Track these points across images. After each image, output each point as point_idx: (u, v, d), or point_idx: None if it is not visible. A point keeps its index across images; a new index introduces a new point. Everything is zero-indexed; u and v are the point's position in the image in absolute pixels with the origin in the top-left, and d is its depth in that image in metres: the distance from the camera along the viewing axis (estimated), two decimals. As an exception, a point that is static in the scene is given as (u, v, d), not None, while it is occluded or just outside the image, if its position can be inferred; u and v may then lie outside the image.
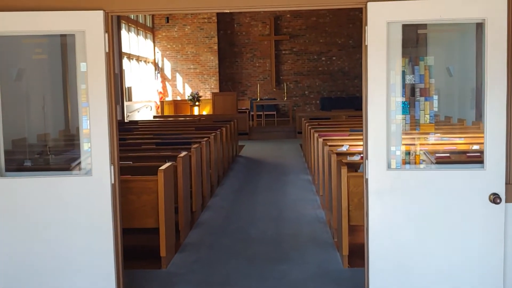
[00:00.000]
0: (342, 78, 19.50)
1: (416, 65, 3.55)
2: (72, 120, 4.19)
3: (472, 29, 3.81)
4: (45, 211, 3.52)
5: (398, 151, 3.50)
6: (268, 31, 19.51)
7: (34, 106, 4.34)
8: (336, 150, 6.22)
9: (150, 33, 18.79)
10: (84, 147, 3.62)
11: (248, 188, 8.47)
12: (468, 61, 4.27)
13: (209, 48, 19.12)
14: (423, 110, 3.57)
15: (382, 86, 3.36)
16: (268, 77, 19.70)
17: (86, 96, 3.51)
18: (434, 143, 4.22)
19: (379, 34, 3.31)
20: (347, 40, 19.31)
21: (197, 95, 17.70)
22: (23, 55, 4.07)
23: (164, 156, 6.29)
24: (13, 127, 3.93)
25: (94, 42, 3.43)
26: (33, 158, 4.24)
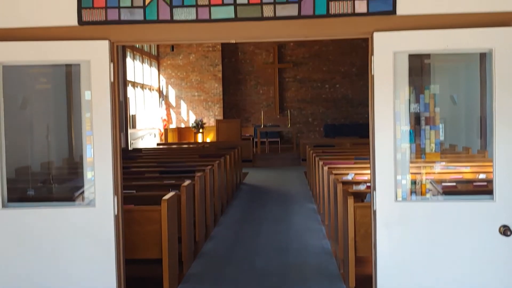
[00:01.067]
0: (345, 105, 19.54)
1: (421, 93, 3.53)
2: (76, 148, 4.17)
3: (476, 58, 3.81)
4: (48, 242, 3.46)
5: (404, 180, 3.45)
6: (271, 59, 19.66)
7: (38, 134, 4.33)
8: (342, 178, 6.16)
9: (155, 61, 18.96)
10: (87, 176, 3.59)
11: (252, 217, 8.38)
12: (472, 90, 4.26)
13: (213, 76, 19.26)
14: (429, 139, 3.54)
15: (389, 115, 3.33)
16: (271, 104, 19.76)
17: (91, 125, 3.49)
18: (440, 172, 4.17)
19: (385, 64, 3.30)
20: (350, 68, 19.42)
21: (201, 122, 17.74)
22: (28, 83, 4.07)
23: (168, 185, 6.24)
24: (16, 155, 3.92)
25: (99, 72, 3.42)
26: (36, 187, 4.21)
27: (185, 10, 3.41)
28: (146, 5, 3.42)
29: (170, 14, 3.42)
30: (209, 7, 3.41)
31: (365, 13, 3.34)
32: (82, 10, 3.45)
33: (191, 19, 3.43)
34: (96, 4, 3.44)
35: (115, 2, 3.43)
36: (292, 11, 3.39)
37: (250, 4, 3.40)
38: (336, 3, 3.35)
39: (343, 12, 3.35)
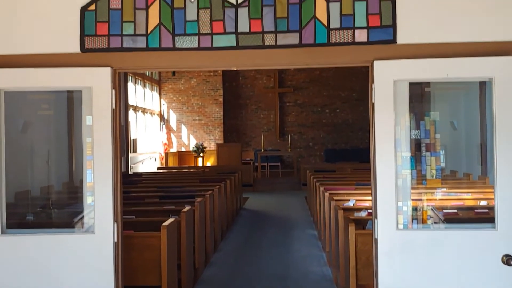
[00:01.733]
0: (346, 130, 19.57)
1: (421, 120, 3.54)
2: (76, 172, 4.16)
3: (476, 86, 3.82)
4: (47, 269, 3.42)
5: (405, 206, 3.43)
6: (272, 83, 19.79)
7: (38, 158, 4.33)
8: (343, 205, 6.13)
9: (157, 86, 19.08)
10: (87, 201, 3.58)
11: (252, 243, 8.31)
12: (472, 117, 4.27)
13: (214, 100, 19.36)
14: (429, 165, 3.53)
15: (390, 144, 3.33)
16: (272, 129, 19.81)
17: (91, 150, 3.49)
18: (441, 199, 4.15)
19: (386, 92, 3.31)
20: (350, 93, 19.52)
21: (202, 146, 17.75)
22: (29, 108, 4.09)
23: (168, 211, 6.20)
24: (16, 179, 3.90)
25: (101, 99, 3.43)
26: (36, 212, 4.19)
27: (187, 38, 3.45)
28: (148, 33, 3.46)
29: (173, 42, 3.46)
30: (211, 36, 3.44)
31: (365, 42, 3.37)
32: (85, 37, 3.49)
33: (193, 47, 3.46)
34: (98, 32, 3.47)
35: (118, 30, 3.46)
36: (293, 40, 3.42)
37: (251, 32, 3.43)
38: (336, 32, 3.39)
39: (343, 41, 3.39)
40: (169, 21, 3.45)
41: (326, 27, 3.39)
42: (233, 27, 3.44)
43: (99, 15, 3.47)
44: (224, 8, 3.44)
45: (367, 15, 3.36)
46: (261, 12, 3.42)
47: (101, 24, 3.46)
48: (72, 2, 3.51)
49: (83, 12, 3.49)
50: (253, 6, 3.42)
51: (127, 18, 3.46)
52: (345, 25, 3.38)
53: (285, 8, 3.41)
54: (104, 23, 3.46)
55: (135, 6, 3.46)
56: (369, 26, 3.35)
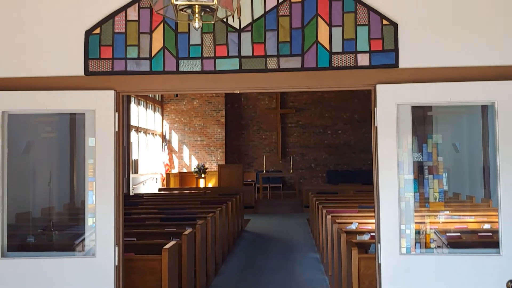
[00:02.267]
0: (348, 151, 19.55)
1: (423, 142, 3.53)
2: (78, 193, 4.14)
3: (478, 109, 3.83)
4: (46, 293, 3.39)
5: (408, 230, 3.40)
6: (274, 104, 19.85)
7: (40, 180, 4.32)
8: (345, 228, 6.08)
9: (159, 107, 19.16)
10: (88, 223, 3.56)
11: (253, 266, 8.23)
12: (475, 139, 4.26)
13: (216, 121, 19.39)
14: (432, 188, 3.52)
15: (393, 166, 3.33)
16: (274, 150, 19.80)
17: (93, 172, 3.48)
18: (444, 222, 4.12)
19: (388, 116, 3.32)
20: (352, 114, 19.55)
21: (203, 167, 17.72)
22: (32, 130, 4.09)
23: (169, 233, 6.16)
24: (18, 201, 3.89)
25: (104, 121, 3.45)
26: (37, 234, 4.16)
27: (191, 62, 3.47)
28: (152, 57, 3.49)
29: (176, 66, 3.48)
30: (214, 59, 3.47)
31: (367, 66, 3.40)
32: (89, 60, 3.52)
33: (196, 70, 3.48)
34: (102, 55, 3.50)
35: (122, 53, 3.49)
36: (295, 64, 3.44)
37: (254, 56, 3.46)
38: (339, 56, 3.41)
39: (345, 64, 3.41)
40: (173, 45, 3.48)
41: (328, 51, 3.42)
42: (236, 51, 3.47)
43: (103, 39, 3.50)
44: (227, 33, 3.47)
45: (369, 39, 3.39)
46: (264, 36, 3.45)
47: (105, 48, 3.50)
48: (77, 25, 3.55)
49: (88, 35, 3.52)
50: (256, 30, 3.45)
51: (131, 42, 3.49)
52: (347, 49, 3.41)
53: (287, 33, 3.44)
54: (108, 47, 3.50)
55: (139, 30, 3.49)
56: (371, 50, 3.38)
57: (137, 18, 3.51)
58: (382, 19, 3.41)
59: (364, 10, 3.42)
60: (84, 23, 3.54)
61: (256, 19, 3.46)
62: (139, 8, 3.52)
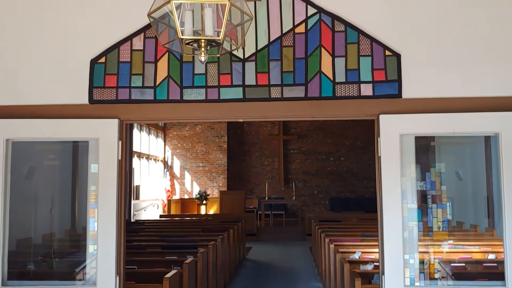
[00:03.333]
0: (351, 178, 19.47)
1: (427, 171, 3.52)
2: (79, 220, 4.12)
3: (481, 139, 3.82)
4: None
5: (412, 259, 3.36)
6: (277, 131, 19.88)
7: (42, 206, 4.30)
8: (348, 257, 6.01)
9: (162, 132, 19.21)
10: (90, 250, 3.53)
11: (255, 295, 8.12)
12: (478, 168, 4.25)
13: (218, 147, 19.40)
14: (436, 217, 3.49)
15: (397, 196, 3.31)
16: (276, 176, 19.74)
17: (96, 199, 3.47)
18: (448, 251, 4.07)
19: (392, 146, 3.32)
20: (355, 141, 19.55)
21: (205, 194, 17.65)
22: (35, 156, 4.10)
23: (170, 261, 6.10)
24: (19, 227, 3.87)
25: (107, 149, 3.45)
26: (37, 261, 4.12)
27: (195, 91, 3.49)
28: (157, 86, 3.51)
29: (180, 94, 3.50)
30: (218, 88, 3.49)
31: (370, 96, 3.41)
32: (94, 89, 3.54)
33: (200, 99, 3.50)
34: (107, 84, 3.53)
35: (126, 82, 3.52)
36: (299, 93, 3.46)
37: (258, 85, 3.48)
38: (342, 86, 3.43)
39: (349, 94, 3.42)
40: (177, 74, 3.51)
41: (331, 81, 3.44)
42: (240, 80, 3.49)
43: (108, 68, 3.54)
44: (231, 62, 3.50)
45: (372, 70, 3.41)
46: (267, 66, 3.48)
47: (110, 77, 3.52)
48: (82, 54, 3.58)
49: (93, 64, 3.55)
50: (260, 60, 3.49)
51: (136, 71, 3.52)
52: (350, 79, 3.43)
53: (291, 63, 3.47)
54: (113, 76, 3.52)
55: (144, 60, 3.53)
56: (375, 80, 3.40)
57: (142, 48, 3.55)
58: (385, 50, 3.44)
59: (367, 41, 3.45)
60: (89, 52, 3.58)
61: (260, 49, 3.50)
62: (144, 38, 3.56)
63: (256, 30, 3.50)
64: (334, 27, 3.48)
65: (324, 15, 3.49)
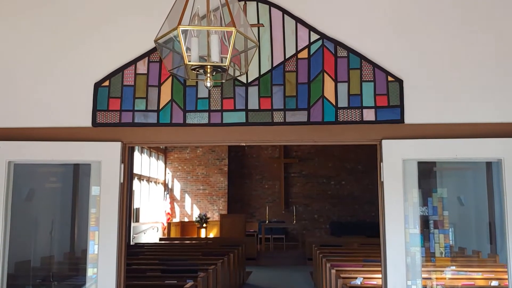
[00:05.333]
0: (352, 203, 19.37)
1: (429, 196, 3.51)
2: (79, 242, 4.09)
3: (482, 165, 3.81)
4: None
5: (414, 285, 3.32)
6: (277, 154, 19.87)
7: (41, 228, 4.27)
8: (350, 283, 5.95)
9: (162, 155, 19.21)
10: (89, 273, 3.49)
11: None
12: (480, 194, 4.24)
13: (219, 170, 19.37)
14: (438, 242, 3.46)
15: (400, 221, 3.29)
16: (277, 199, 19.65)
17: (96, 221, 3.45)
18: (451, 278, 4.03)
19: (395, 171, 3.31)
20: (356, 165, 19.51)
21: (205, 217, 17.55)
22: (36, 178, 4.09)
23: (169, 286, 6.03)
24: (17, 249, 3.83)
25: (109, 172, 3.44)
26: (35, 285, 4.07)
27: (198, 115, 3.50)
28: (160, 109, 3.53)
29: (183, 118, 3.51)
30: (221, 112, 3.50)
31: (373, 121, 3.42)
32: (97, 112, 3.55)
33: (203, 123, 3.51)
34: (111, 107, 3.54)
35: (130, 105, 3.54)
36: (301, 118, 3.47)
37: (261, 110, 3.49)
38: (344, 111, 3.44)
39: (351, 119, 3.43)
40: (180, 98, 3.52)
41: (334, 106, 3.45)
42: (243, 104, 3.50)
43: (112, 91, 3.56)
44: (234, 87, 3.52)
45: (374, 95, 3.43)
46: (270, 90, 3.50)
47: (114, 100, 3.54)
48: (86, 77, 3.61)
49: (97, 87, 3.57)
50: (263, 85, 3.51)
51: (139, 95, 3.54)
52: (353, 104, 3.44)
53: (294, 88, 3.49)
54: (116, 99, 3.54)
55: (148, 83, 3.55)
56: (377, 106, 3.41)
57: (146, 72, 3.57)
58: (387, 75, 3.46)
59: (369, 66, 3.48)
60: (93, 76, 3.60)
61: (263, 74, 3.52)
62: (148, 62, 3.59)
63: (259, 55, 3.53)
64: (337, 53, 3.51)
65: (326, 41, 3.53)
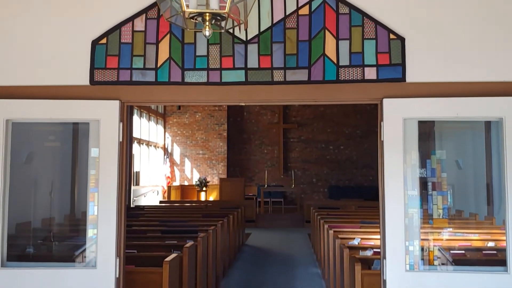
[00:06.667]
0: (350, 167, 19.48)
1: (427, 158, 3.50)
2: (78, 204, 4.11)
3: (481, 125, 3.79)
4: (45, 304, 3.34)
5: (411, 246, 3.35)
6: (276, 119, 19.84)
7: (41, 190, 4.28)
8: (347, 243, 6.02)
9: (162, 119, 19.17)
10: (89, 234, 3.52)
11: (254, 281, 8.15)
12: (479, 156, 4.23)
13: (218, 135, 19.37)
14: (436, 204, 3.48)
15: (399, 181, 3.29)
16: (276, 164, 19.74)
17: (96, 182, 3.45)
18: (448, 239, 4.06)
19: (395, 130, 3.29)
20: (354, 130, 19.53)
21: (205, 181, 17.67)
22: (35, 139, 4.07)
23: (170, 246, 6.10)
24: (18, 211, 3.85)
25: (108, 131, 3.42)
26: (36, 244, 4.11)
27: (197, 73, 3.46)
28: (158, 67, 3.48)
29: (182, 77, 3.47)
30: (220, 71, 3.46)
31: (374, 80, 3.38)
32: (95, 70, 3.51)
33: (202, 81, 3.47)
34: (108, 65, 3.49)
35: (128, 63, 3.48)
36: (302, 76, 3.43)
37: (260, 68, 3.45)
38: (345, 70, 3.40)
39: (352, 78, 3.39)
40: (179, 56, 3.47)
41: (335, 65, 3.41)
42: (243, 63, 3.45)
43: (109, 49, 3.50)
44: (234, 44, 3.46)
45: (376, 53, 3.38)
46: (270, 48, 3.44)
47: (111, 58, 3.49)
48: (83, 35, 3.55)
49: (94, 45, 3.52)
50: (262, 42, 3.45)
51: (137, 52, 3.49)
52: (354, 62, 3.39)
53: (294, 45, 3.43)
54: (114, 57, 3.49)
55: (145, 41, 3.49)
56: (379, 64, 3.37)
57: (144, 29, 3.51)
58: (389, 33, 3.40)
59: (371, 24, 3.41)
60: (90, 33, 3.54)
61: (263, 31, 3.46)
62: (146, 19, 3.51)
63: (259, 11, 3.45)
64: (339, 9, 3.43)
65: (328, -3, 3.45)
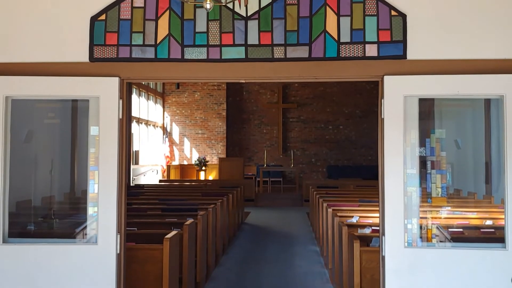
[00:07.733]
0: (349, 147, 19.52)
1: (427, 137, 3.50)
2: (78, 182, 4.12)
3: (481, 103, 3.79)
4: (47, 279, 3.38)
5: (410, 224, 3.38)
6: (276, 99, 19.80)
7: (41, 168, 4.29)
8: (346, 221, 6.06)
9: (160, 98, 19.11)
10: (89, 212, 3.54)
11: (253, 258, 8.23)
12: (478, 135, 4.24)
13: (217, 114, 19.35)
14: (435, 183, 3.49)
15: (399, 159, 3.30)
16: (275, 144, 19.77)
17: (96, 160, 3.46)
18: (447, 217, 4.09)
19: (395, 108, 3.29)
20: (354, 109, 19.51)
21: (204, 160, 17.70)
22: (35, 117, 4.06)
23: (170, 223, 6.14)
24: (18, 189, 3.87)
25: (108, 108, 3.42)
26: (37, 222, 4.14)
27: (196, 50, 3.44)
28: (157, 44, 3.45)
29: (181, 53, 3.44)
30: (220, 47, 3.43)
31: (375, 57, 3.36)
32: (94, 47, 3.48)
33: (201, 58, 3.45)
34: (108, 42, 3.47)
35: (127, 40, 3.46)
36: (302, 53, 3.41)
37: (261, 45, 3.42)
38: (346, 46, 3.38)
39: (353, 55, 3.37)
40: (178, 32, 3.44)
41: (336, 41, 3.38)
42: (243, 39, 3.43)
43: (108, 25, 3.47)
44: (233, 20, 3.43)
45: (377, 30, 3.35)
46: (271, 25, 3.41)
47: (111, 34, 3.46)
48: (82, 11, 3.51)
49: (93, 22, 3.48)
50: (263, 19, 3.42)
51: (136, 29, 3.46)
52: (355, 39, 3.37)
53: (295, 22, 3.40)
54: (113, 33, 3.46)
55: (145, 17, 3.46)
56: (380, 41, 3.34)
57: (143, 5, 3.47)
58: (390, 10, 3.37)
59: (372, 0, 3.38)
60: (89, 9, 3.51)
61: (263, 7, 3.42)
62: (145, -6, 3.47)
63: (259, -13, 3.41)
64: (340, -15, 3.39)
65: (329, -27, 3.41)
